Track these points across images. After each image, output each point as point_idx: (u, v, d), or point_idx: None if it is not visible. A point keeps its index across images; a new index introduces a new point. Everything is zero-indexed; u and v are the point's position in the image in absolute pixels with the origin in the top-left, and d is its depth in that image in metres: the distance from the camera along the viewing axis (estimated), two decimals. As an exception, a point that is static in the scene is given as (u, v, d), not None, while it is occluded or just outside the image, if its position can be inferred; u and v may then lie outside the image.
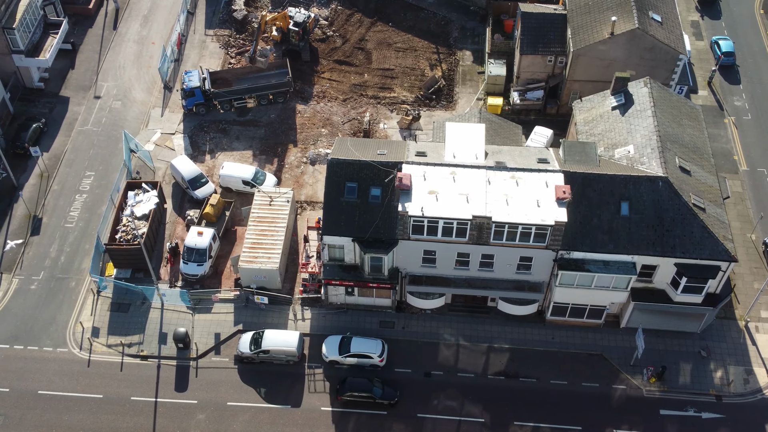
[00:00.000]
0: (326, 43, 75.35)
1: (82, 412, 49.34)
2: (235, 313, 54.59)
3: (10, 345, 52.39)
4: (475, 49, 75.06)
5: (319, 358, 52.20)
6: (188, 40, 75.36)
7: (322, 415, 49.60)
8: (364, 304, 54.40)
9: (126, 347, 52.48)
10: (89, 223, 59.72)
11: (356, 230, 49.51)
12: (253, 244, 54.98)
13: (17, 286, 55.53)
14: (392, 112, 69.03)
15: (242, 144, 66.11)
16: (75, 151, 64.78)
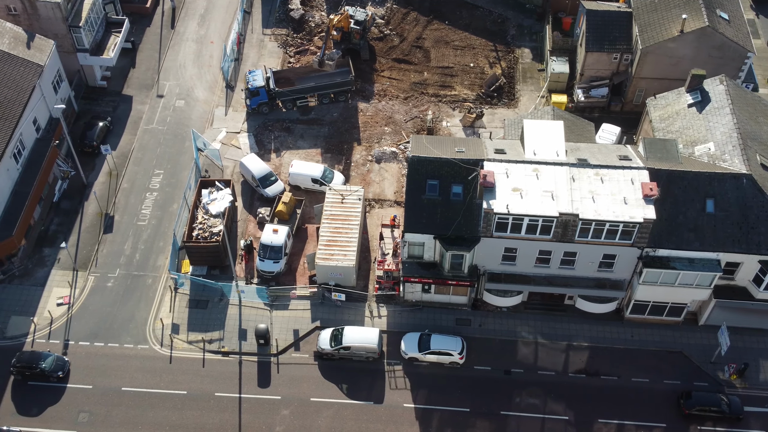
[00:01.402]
0: (384, 42, 75.46)
1: (166, 408, 49.70)
2: (311, 309, 54.83)
3: (90, 342, 52.82)
4: (533, 47, 74.98)
5: (398, 354, 52.34)
6: (246, 40, 75.69)
7: (406, 412, 49.74)
8: (439, 301, 54.50)
9: (207, 343, 52.81)
10: (161, 221, 60.12)
11: (438, 228, 49.61)
12: (328, 242, 55.20)
13: (93, 284, 55.99)
14: (454, 110, 69.08)
15: (307, 142, 66.37)
16: (142, 150, 65.23)
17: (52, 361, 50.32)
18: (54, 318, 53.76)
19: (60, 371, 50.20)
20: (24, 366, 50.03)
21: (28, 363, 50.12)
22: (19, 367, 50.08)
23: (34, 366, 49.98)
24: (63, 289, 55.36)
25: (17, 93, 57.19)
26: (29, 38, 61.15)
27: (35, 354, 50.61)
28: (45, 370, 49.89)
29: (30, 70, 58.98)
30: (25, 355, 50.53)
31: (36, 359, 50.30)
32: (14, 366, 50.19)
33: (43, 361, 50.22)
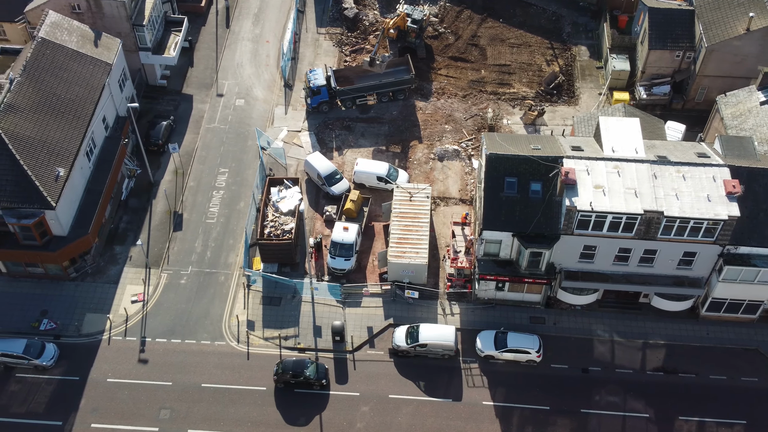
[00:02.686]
0: (438, 40, 75.51)
1: (247, 404, 49.94)
2: (384, 307, 54.96)
3: (167, 339, 53.15)
4: (589, 44, 74.84)
5: (472, 352, 52.39)
6: (302, 39, 75.92)
7: (485, 410, 49.78)
8: (512, 299, 54.50)
9: (283, 340, 53.03)
10: (229, 219, 60.41)
11: (517, 225, 49.61)
12: (399, 240, 55.30)
13: (167, 281, 56.32)
14: (514, 107, 69.05)
15: (368, 141, 66.50)
16: (206, 149, 65.55)
17: (314, 369, 50.13)
18: (129, 315, 54.12)
19: (324, 378, 49.98)
20: (290, 374, 49.74)
21: (293, 371, 49.84)
22: (282, 375, 49.76)
23: (299, 374, 49.75)
24: (137, 286, 55.73)
25: (88, 91, 57.60)
26: (96, 36, 61.58)
27: (299, 362, 50.22)
28: (309, 378, 49.73)
29: (99, 68, 59.39)
30: (289, 364, 50.25)
31: (300, 367, 49.95)
32: (278, 374, 49.84)
33: (306, 369, 49.94)
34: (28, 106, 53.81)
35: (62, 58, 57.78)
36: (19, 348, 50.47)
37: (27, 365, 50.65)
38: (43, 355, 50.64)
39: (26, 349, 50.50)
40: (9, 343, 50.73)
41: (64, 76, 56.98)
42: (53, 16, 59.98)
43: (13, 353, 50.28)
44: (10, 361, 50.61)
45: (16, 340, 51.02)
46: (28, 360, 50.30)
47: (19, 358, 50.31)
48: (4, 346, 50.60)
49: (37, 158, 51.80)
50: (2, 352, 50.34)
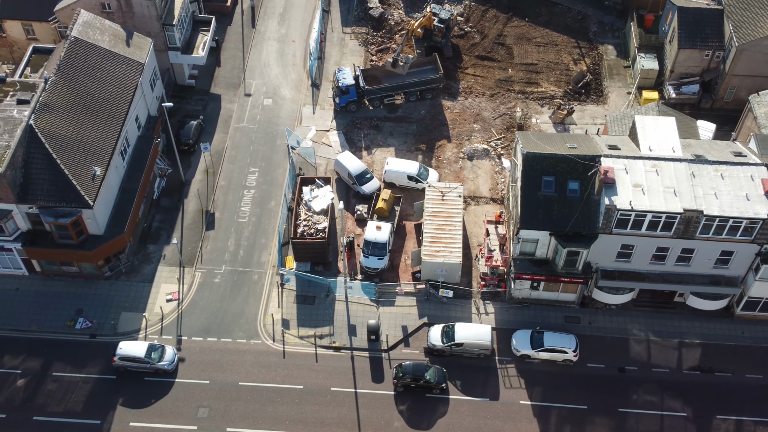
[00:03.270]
0: (465, 39, 75.51)
1: (284, 403, 50.05)
2: (418, 306, 55.01)
3: (203, 337, 53.29)
4: (616, 44, 74.77)
5: (508, 351, 52.41)
6: (327, 38, 75.99)
7: (522, 409, 49.80)
8: (547, 298, 54.48)
9: (318, 338, 53.13)
10: (261, 218, 60.52)
11: (554, 224, 49.61)
12: (432, 239, 55.32)
13: (201, 280, 56.46)
14: (542, 106, 69.03)
15: (396, 140, 66.55)
16: (235, 148, 65.67)
17: (434, 373, 49.89)
18: (165, 314, 54.26)
19: (443, 382, 49.71)
20: (410, 378, 49.50)
21: (413, 375, 49.58)
22: (402, 379, 49.51)
23: (419, 377, 49.49)
24: (171, 285, 55.88)
25: (122, 90, 57.77)
26: (128, 36, 61.75)
27: (418, 366, 49.87)
28: (430, 381, 49.42)
29: (132, 67, 59.56)
30: (409, 368, 49.84)
31: (420, 371, 49.62)
32: (398, 378, 49.64)
33: (426, 372, 49.72)
34: (64, 105, 54.00)
35: (95, 58, 57.97)
36: (142, 351, 50.20)
37: (149, 369, 50.39)
38: (164, 358, 50.51)
39: (148, 351, 50.27)
40: (132, 346, 50.51)
41: (97, 75, 57.17)
42: (85, 15, 60.18)
43: (136, 356, 50.07)
44: (132, 365, 50.38)
45: (138, 343, 50.75)
46: (150, 363, 50.08)
47: (142, 362, 50.06)
48: (127, 349, 50.39)
49: (73, 157, 51.97)
50: (125, 355, 50.17)
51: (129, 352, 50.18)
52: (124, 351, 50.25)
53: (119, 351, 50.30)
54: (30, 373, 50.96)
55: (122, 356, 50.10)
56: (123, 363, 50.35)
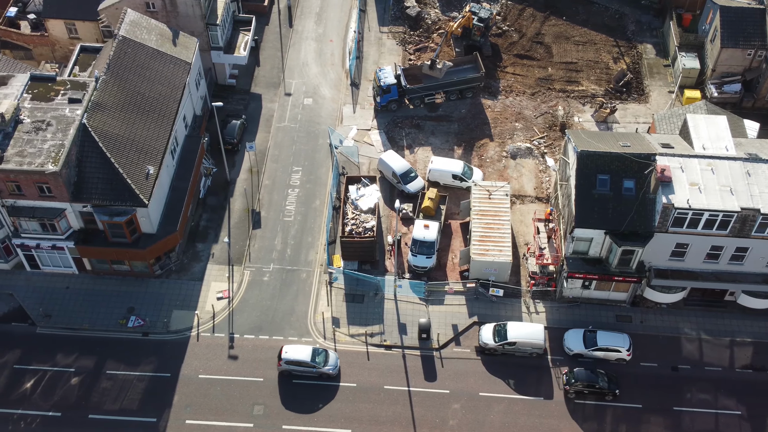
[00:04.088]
0: (503, 38, 75.53)
1: (338, 401, 50.15)
2: (467, 305, 55.03)
3: (255, 335, 53.45)
4: (654, 42, 74.63)
5: (560, 350, 52.38)
6: (365, 38, 76.10)
7: (578, 408, 49.77)
8: (597, 298, 54.41)
9: (369, 337, 53.21)
10: (306, 217, 60.66)
11: (610, 223, 49.55)
12: (481, 238, 55.34)
13: (250, 278, 56.63)
14: (584, 105, 68.96)
15: (438, 139, 66.59)
16: (278, 147, 65.83)
17: (606, 379, 49.45)
18: (216, 312, 54.45)
19: (617, 389, 49.27)
20: (582, 384, 49.29)
21: (587, 381, 49.33)
22: (574, 385, 49.25)
23: (592, 384, 49.20)
24: (221, 283, 56.07)
25: (170, 90, 58.00)
26: (174, 35, 61.99)
27: (591, 372, 49.55)
28: (603, 388, 49.01)
29: (180, 67, 59.80)
30: (582, 374, 49.57)
31: (593, 378, 49.32)
32: (570, 384, 49.43)
33: (599, 379, 49.37)
34: (115, 104, 54.26)
35: (144, 57, 58.23)
36: (307, 355, 50.19)
37: (314, 373, 50.34)
38: (328, 362, 50.41)
39: (313, 356, 50.27)
40: (296, 350, 50.21)
41: (146, 74, 57.41)
42: (132, 15, 60.46)
43: (301, 360, 49.91)
44: (297, 369, 50.25)
45: (302, 347, 50.54)
46: (316, 368, 50.05)
47: (307, 366, 50.03)
48: (292, 354, 50.09)
49: (126, 156, 52.21)
50: (291, 359, 49.96)
51: (294, 356, 49.88)
52: (289, 355, 49.98)
53: (285, 355, 50.01)
54: (84, 371, 51.22)
55: (288, 360, 49.89)
56: (288, 367, 50.12)
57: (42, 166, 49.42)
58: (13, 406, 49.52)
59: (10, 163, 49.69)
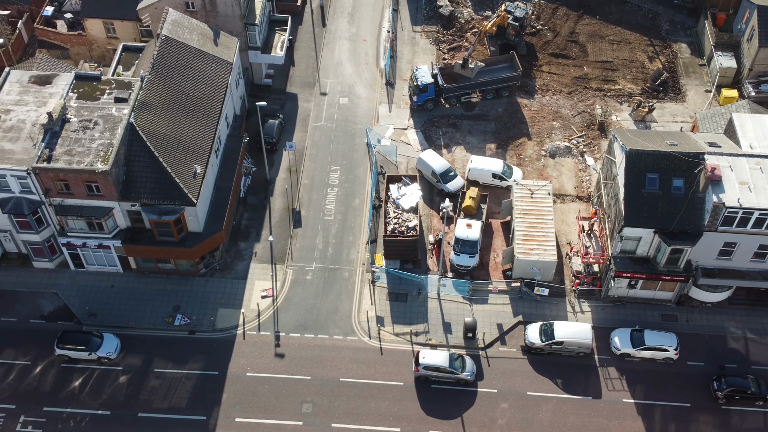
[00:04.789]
0: (537, 37, 75.45)
1: (386, 399, 50.21)
2: (512, 304, 55.01)
3: (300, 334, 53.56)
4: (689, 42, 74.46)
5: (606, 350, 52.30)
6: (398, 37, 76.13)
7: (626, 407, 49.71)
8: (643, 297, 54.32)
9: (414, 335, 53.25)
10: (346, 216, 60.74)
11: (659, 222, 49.47)
12: (525, 237, 55.29)
13: (293, 277, 56.73)
14: (621, 104, 68.83)
15: (475, 138, 66.57)
16: (315, 147, 65.93)
17: (757, 384, 49.25)
18: (261, 310, 54.58)
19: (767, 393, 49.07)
20: (734, 389, 48.94)
21: (738, 387, 48.97)
22: (724, 390, 48.93)
23: (744, 389, 48.83)
24: (264, 281, 56.19)
25: (214, 89, 58.16)
26: (215, 35, 62.16)
27: (744, 379, 49.37)
28: (755, 393, 48.74)
29: (222, 67, 59.96)
30: (731, 380, 49.32)
31: (745, 383, 49.04)
32: (721, 390, 48.95)
33: (751, 384, 49.17)
34: (160, 103, 54.44)
35: (187, 57, 58.40)
36: (445, 361, 49.97)
37: (451, 379, 50.16)
38: (466, 368, 50.23)
39: (451, 361, 50.11)
40: (434, 356, 50.24)
41: (190, 74, 57.59)
42: (174, 14, 60.63)
43: (440, 366, 49.68)
44: (435, 374, 50.09)
45: (438, 353, 50.46)
46: (454, 373, 49.86)
47: (446, 372, 49.86)
48: (430, 359, 49.94)
49: (174, 155, 52.37)
50: (429, 365, 49.70)
51: (433, 362, 49.75)
52: (427, 360, 49.90)
53: (423, 360, 49.87)
54: (131, 369, 51.43)
55: (426, 366, 49.81)
56: (426, 372, 50.07)
57: (91, 165, 49.64)
58: (62, 405, 49.76)
59: (59, 162, 49.93)
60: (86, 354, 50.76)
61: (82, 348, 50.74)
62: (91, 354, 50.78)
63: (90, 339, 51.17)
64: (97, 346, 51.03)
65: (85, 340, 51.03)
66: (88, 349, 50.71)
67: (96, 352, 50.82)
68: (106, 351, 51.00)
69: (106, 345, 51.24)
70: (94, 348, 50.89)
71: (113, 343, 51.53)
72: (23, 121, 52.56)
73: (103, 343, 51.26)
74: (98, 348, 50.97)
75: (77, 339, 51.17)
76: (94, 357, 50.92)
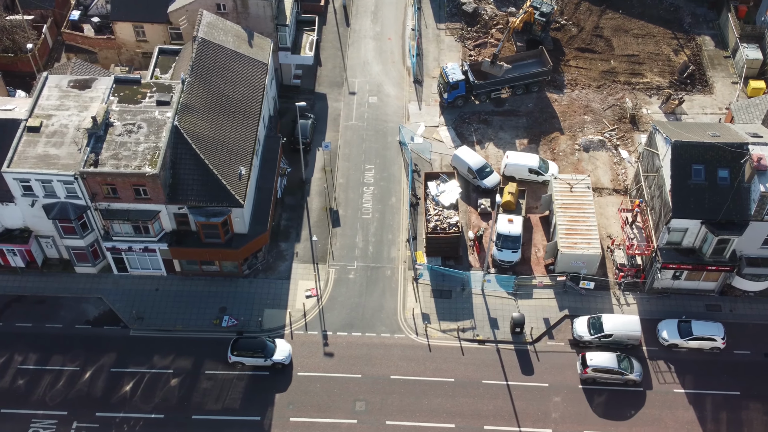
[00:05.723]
0: (562, 32, 75.75)
1: (438, 396, 50.39)
2: (556, 298, 55.27)
3: (347, 332, 53.66)
4: (712, 34, 74.92)
5: (654, 341, 52.63)
6: (423, 35, 76.29)
7: (677, 397, 50.06)
8: (687, 288, 54.67)
9: (461, 332, 53.44)
10: (384, 214, 60.87)
11: (706, 212, 49.82)
12: (568, 231, 55.55)
13: (336, 276, 56.84)
14: (650, 97, 69.22)
15: (507, 134, 66.82)
16: (348, 146, 66.02)
17: None
18: (306, 310, 54.66)
19: None
20: None
21: None
22: None
23: None
24: (308, 281, 56.27)
25: (252, 91, 58.17)
26: (249, 37, 62.15)
27: None
28: None
29: (258, 68, 59.96)
30: None
31: None
32: None
33: None
34: (202, 105, 54.42)
35: (224, 58, 58.38)
36: (614, 362, 49.69)
37: (620, 380, 49.97)
38: (634, 369, 50.04)
39: (619, 362, 49.88)
40: (602, 357, 49.83)
41: (228, 76, 57.58)
42: (208, 16, 60.60)
43: (609, 368, 49.48)
44: (604, 376, 49.85)
45: (606, 354, 50.08)
46: (623, 374, 49.60)
47: (615, 373, 49.62)
48: (599, 361, 49.72)
49: (218, 157, 52.37)
50: (598, 366, 49.67)
51: (602, 364, 49.73)
52: (596, 362, 49.79)
53: (591, 362, 49.84)
54: (182, 372, 51.42)
55: (596, 367, 49.73)
56: (595, 374, 49.97)
57: (139, 169, 49.60)
58: (114, 410, 49.73)
59: (106, 166, 49.87)
60: (262, 360, 50.54)
61: (260, 354, 50.49)
62: (267, 360, 50.54)
63: (265, 344, 50.85)
64: (272, 352, 50.75)
65: (261, 346, 50.73)
66: (264, 356, 50.45)
67: (271, 358, 50.59)
68: (282, 356, 50.69)
69: (279, 350, 50.94)
70: (269, 354, 50.60)
71: (286, 348, 51.27)
72: (66, 125, 52.45)
73: (277, 349, 50.96)
74: (273, 354, 50.69)
75: (253, 345, 50.89)
76: (269, 363, 50.69)
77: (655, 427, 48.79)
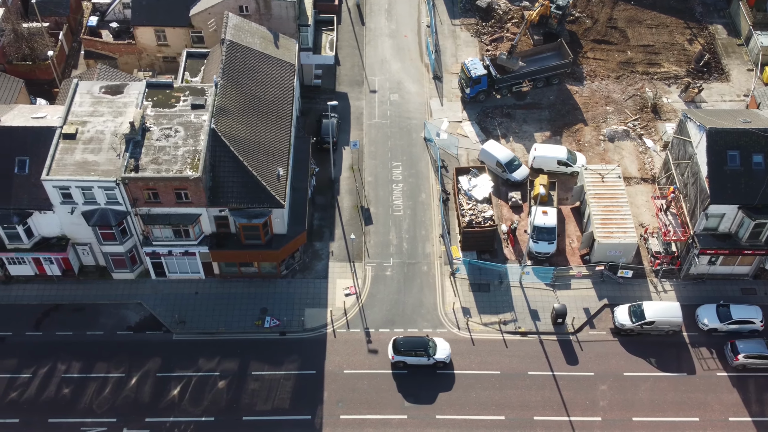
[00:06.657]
0: (576, 25, 76.36)
1: (485, 388, 50.77)
2: (595, 288, 55.81)
3: (389, 329, 53.88)
4: (724, 23, 75.86)
5: (694, 327, 53.30)
6: (438, 31, 76.60)
7: (721, 380, 50.76)
8: (722, 273, 55.41)
9: (502, 324, 53.86)
10: (415, 210, 61.14)
11: (742, 197, 50.56)
12: (603, 221, 56.09)
13: (373, 274, 57.05)
14: (669, 86, 69.97)
15: (531, 127, 67.30)
16: (373, 144, 66.22)
17: None
18: (347, 308, 54.85)
19: None
20: None
21: None
22: None
23: None
24: (345, 280, 56.45)
25: (282, 92, 58.23)
26: (275, 38, 62.17)
27: None
28: None
29: (286, 69, 60.03)
30: None
31: None
32: None
33: None
34: (236, 108, 54.41)
35: (252, 60, 58.38)
36: None
37: None
38: None
39: None
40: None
41: (258, 77, 57.59)
42: (234, 19, 60.56)
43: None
44: (756, 363, 50.40)
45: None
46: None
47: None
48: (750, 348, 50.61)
49: (256, 159, 52.40)
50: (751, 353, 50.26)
51: (754, 351, 50.27)
52: (747, 349, 50.41)
53: (742, 349, 50.25)
54: (228, 374, 51.44)
55: (748, 354, 50.22)
56: (746, 361, 50.23)
57: (181, 173, 49.55)
58: (163, 415, 49.66)
59: (147, 171, 49.77)
60: (425, 359, 50.64)
61: (422, 353, 50.57)
62: (430, 359, 50.65)
63: (427, 343, 51.00)
64: (434, 350, 50.89)
65: (423, 345, 50.82)
66: (427, 355, 50.54)
67: (434, 356, 50.67)
68: (443, 355, 50.83)
69: (440, 349, 51.12)
70: (432, 353, 50.72)
71: (446, 346, 51.43)
72: (102, 132, 52.29)
73: (438, 348, 51.13)
74: (435, 353, 50.81)
75: (415, 344, 50.99)
76: (432, 362, 50.82)
77: (701, 411, 49.47)
